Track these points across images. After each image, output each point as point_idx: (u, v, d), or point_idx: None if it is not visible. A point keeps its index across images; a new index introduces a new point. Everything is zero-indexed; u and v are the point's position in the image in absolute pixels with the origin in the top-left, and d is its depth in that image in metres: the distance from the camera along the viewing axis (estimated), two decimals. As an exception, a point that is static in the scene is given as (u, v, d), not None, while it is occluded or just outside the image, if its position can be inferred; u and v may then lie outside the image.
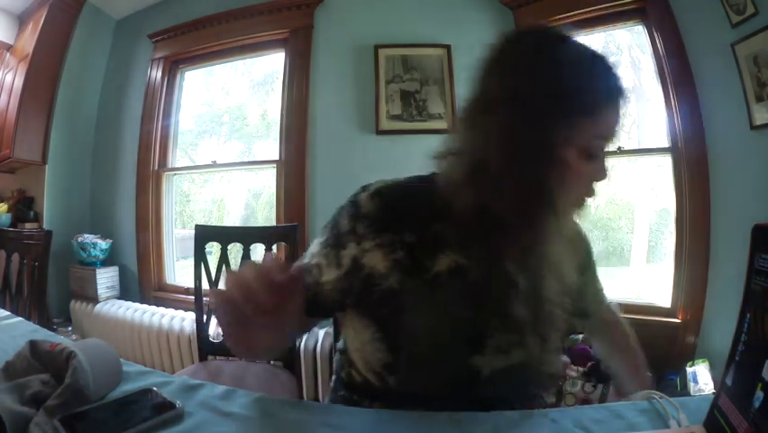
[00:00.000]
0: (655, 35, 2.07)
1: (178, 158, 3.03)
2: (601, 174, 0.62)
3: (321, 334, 2.10)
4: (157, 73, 2.91)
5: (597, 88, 0.58)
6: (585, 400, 1.87)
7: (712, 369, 1.76)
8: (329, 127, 2.51)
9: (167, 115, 2.93)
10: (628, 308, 2.17)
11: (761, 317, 0.42)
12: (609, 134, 0.60)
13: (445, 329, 0.63)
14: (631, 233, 2.59)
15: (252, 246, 1.45)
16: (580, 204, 0.64)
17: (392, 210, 0.66)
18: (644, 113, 2.43)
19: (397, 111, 2.41)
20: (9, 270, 1.82)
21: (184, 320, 2.44)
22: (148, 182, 2.87)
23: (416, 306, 0.63)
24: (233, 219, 3.02)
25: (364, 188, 0.69)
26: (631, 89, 0.62)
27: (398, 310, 0.63)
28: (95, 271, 2.72)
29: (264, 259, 0.54)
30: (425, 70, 2.39)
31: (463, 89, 2.38)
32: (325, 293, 0.67)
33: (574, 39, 0.60)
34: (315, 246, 0.71)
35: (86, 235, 2.77)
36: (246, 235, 1.46)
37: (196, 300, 1.48)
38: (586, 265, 0.80)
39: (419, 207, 0.65)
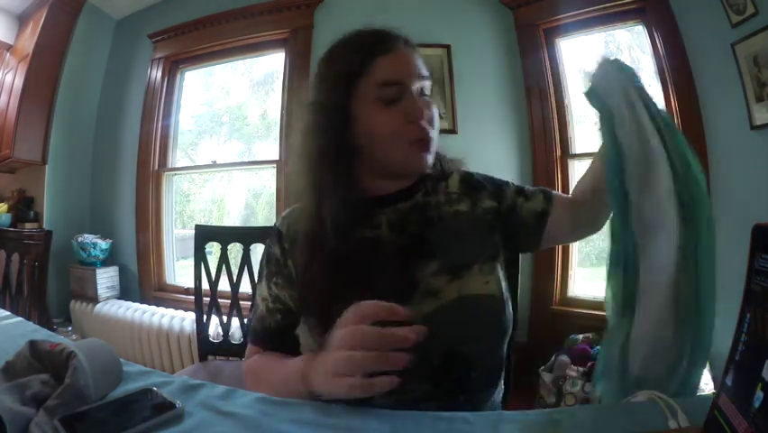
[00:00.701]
0: (655, 35, 2.07)
1: (178, 158, 3.03)
2: (412, 113, 0.69)
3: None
4: (157, 73, 2.92)
5: (358, 52, 0.71)
6: (585, 401, 1.87)
7: (712, 369, 1.76)
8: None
9: (167, 114, 2.93)
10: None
11: (761, 317, 0.42)
12: (392, 78, 0.70)
13: (369, 292, 0.63)
14: (631, 233, 2.59)
15: (252, 246, 1.45)
16: (414, 143, 0.71)
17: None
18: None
19: (397, 111, 2.41)
20: (9, 270, 1.82)
21: (184, 320, 2.44)
22: (148, 182, 2.88)
23: (340, 285, 0.69)
24: (233, 219, 3.02)
25: (276, 221, 0.83)
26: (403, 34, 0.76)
27: (326, 296, 0.69)
28: (95, 271, 2.72)
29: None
30: (424, 70, 2.40)
31: (464, 89, 2.40)
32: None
33: (356, 29, 0.75)
34: (263, 290, 0.79)
35: (86, 235, 2.77)
36: (246, 235, 1.46)
37: (197, 300, 1.48)
38: (498, 190, 0.82)
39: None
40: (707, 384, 1.71)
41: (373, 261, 0.72)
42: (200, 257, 1.45)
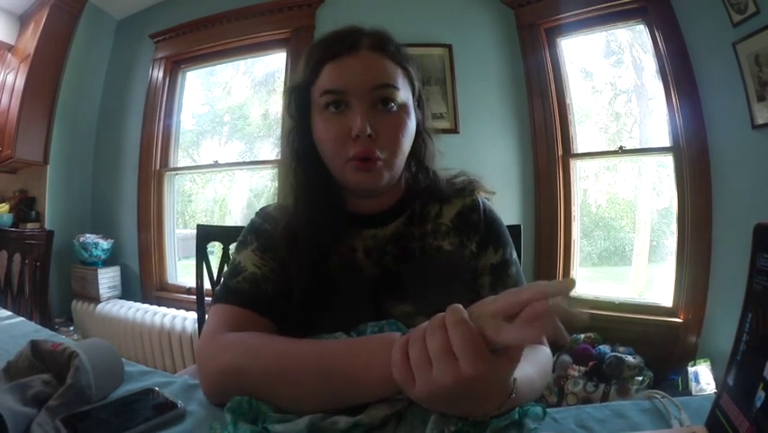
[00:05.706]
0: (657, 34, 2.07)
1: (179, 158, 3.03)
2: (354, 126, 0.64)
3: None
4: (158, 73, 2.92)
5: (313, 58, 0.69)
6: (587, 400, 1.87)
7: (714, 369, 1.76)
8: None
9: (168, 114, 2.94)
10: (630, 307, 2.17)
11: (762, 316, 0.42)
12: (330, 86, 0.66)
13: (334, 317, 0.65)
14: (633, 232, 2.59)
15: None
16: (351, 161, 0.65)
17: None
18: (646, 112, 2.43)
19: (398, 111, 2.41)
20: (11, 270, 1.82)
21: (185, 320, 2.44)
22: (149, 182, 2.88)
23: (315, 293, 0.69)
24: (234, 219, 3.02)
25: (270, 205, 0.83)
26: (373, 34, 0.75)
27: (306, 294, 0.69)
28: (96, 270, 2.72)
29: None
30: (426, 70, 2.39)
31: (465, 89, 2.40)
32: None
33: (328, 32, 0.73)
34: (253, 258, 0.72)
35: (87, 235, 2.77)
36: (247, 235, 1.46)
37: (198, 300, 1.48)
38: (486, 243, 0.75)
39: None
40: (708, 384, 1.71)
41: (344, 283, 0.70)
42: (202, 257, 1.46)
